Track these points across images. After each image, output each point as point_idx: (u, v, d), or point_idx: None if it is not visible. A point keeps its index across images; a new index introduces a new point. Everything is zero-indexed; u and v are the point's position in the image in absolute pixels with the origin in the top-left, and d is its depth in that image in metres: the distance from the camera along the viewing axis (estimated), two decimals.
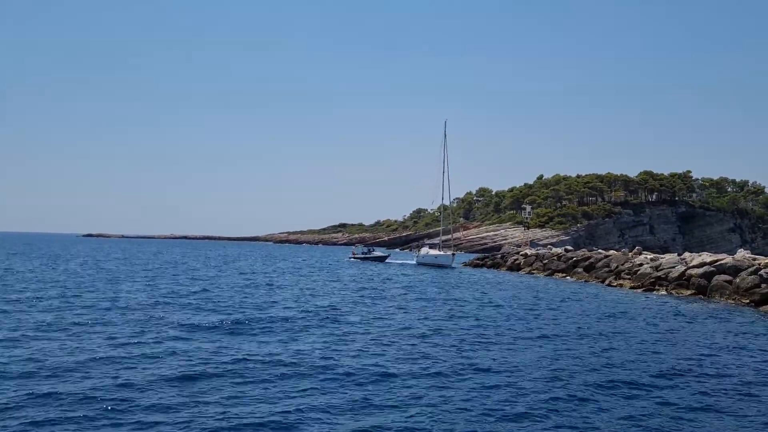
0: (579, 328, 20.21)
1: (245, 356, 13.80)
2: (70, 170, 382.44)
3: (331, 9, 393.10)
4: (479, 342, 16.91)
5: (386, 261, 73.48)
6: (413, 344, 16.22)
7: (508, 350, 15.80)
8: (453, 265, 62.19)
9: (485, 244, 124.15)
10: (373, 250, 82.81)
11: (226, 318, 19.77)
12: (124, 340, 15.38)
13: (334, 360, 13.82)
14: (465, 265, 66.23)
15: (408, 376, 12.48)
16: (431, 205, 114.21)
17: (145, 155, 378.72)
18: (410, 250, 76.34)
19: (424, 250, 70.39)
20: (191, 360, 13.36)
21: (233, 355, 13.95)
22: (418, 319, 21.33)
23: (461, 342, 16.80)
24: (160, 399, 10.36)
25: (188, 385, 11.35)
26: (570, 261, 50.84)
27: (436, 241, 76.08)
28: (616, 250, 58.10)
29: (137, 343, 15.15)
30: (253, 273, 45.34)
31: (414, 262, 69.31)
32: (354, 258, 75.99)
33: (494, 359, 14.49)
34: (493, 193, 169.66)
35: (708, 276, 33.11)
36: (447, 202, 74.90)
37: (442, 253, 67.17)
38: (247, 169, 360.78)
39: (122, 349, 14.22)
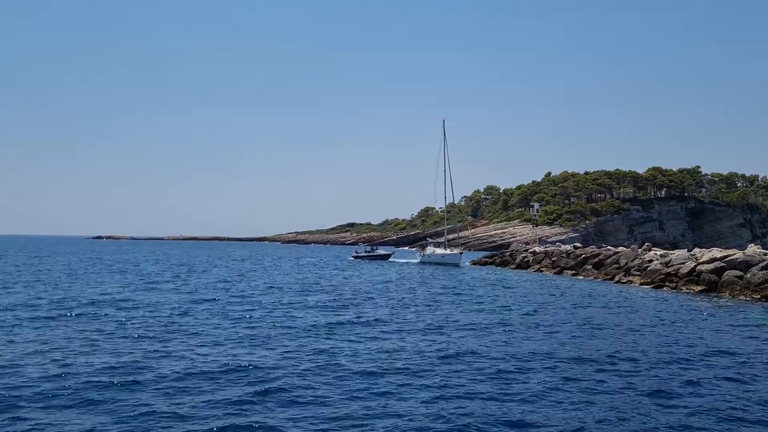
0: (585, 324, 20.24)
1: None
2: (74, 172, 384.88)
3: (335, 9, 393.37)
4: None
5: (390, 260, 73.58)
6: None
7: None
8: (460, 264, 62.04)
9: (494, 242, 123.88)
10: (377, 249, 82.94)
11: None
12: None
13: None
14: (473, 264, 66.11)
15: None
16: (434, 204, 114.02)
17: (150, 156, 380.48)
18: (418, 249, 75.44)
19: (430, 249, 69.92)
20: None
21: None
22: None
23: None
24: None
25: None
26: (579, 258, 50.69)
27: (441, 240, 75.74)
28: (626, 246, 57.99)
29: None
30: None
31: (417, 261, 69.03)
32: (357, 257, 76.37)
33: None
34: (501, 190, 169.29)
35: (718, 272, 32.95)
36: (450, 201, 74.90)
37: (449, 251, 66.96)
38: (254, 169, 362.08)
39: None
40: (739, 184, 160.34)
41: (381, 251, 79.62)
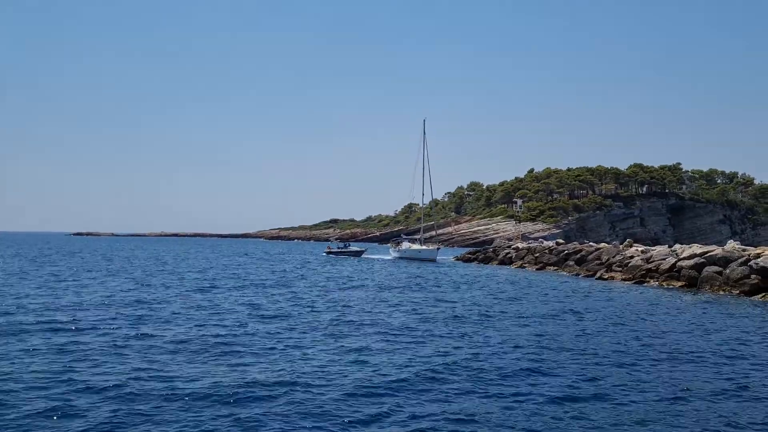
0: (554, 317, 20.17)
1: None
2: (53, 167, 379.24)
3: (326, 6, 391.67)
4: None
5: (362, 256, 73.77)
6: None
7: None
8: (437, 260, 61.89)
9: (477, 238, 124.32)
10: (349, 245, 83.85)
11: None
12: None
13: None
14: (456, 259, 66.09)
15: None
16: (412, 201, 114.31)
17: (132, 153, 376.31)
18: (392, 245, 75.09)
19: (405, 245, 70.02)
20: None
21: None
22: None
23: None
24: None
25: None
26: (561, 254, 50.88)
27: (417, 236, 76.12)
28: (607, 242, 58.25)
29: None
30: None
31: (391, 257, 68.91)
32: (330, 252, 76.53)
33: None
34: (484, 187, 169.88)
35: (698, 267, 33.17)
36: (429, 201, 75.45)
37: (425, 247, 67.01)
38: (238, 165, 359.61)
39: None
40: (719, 181, 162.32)
41: (354, 248, 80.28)
